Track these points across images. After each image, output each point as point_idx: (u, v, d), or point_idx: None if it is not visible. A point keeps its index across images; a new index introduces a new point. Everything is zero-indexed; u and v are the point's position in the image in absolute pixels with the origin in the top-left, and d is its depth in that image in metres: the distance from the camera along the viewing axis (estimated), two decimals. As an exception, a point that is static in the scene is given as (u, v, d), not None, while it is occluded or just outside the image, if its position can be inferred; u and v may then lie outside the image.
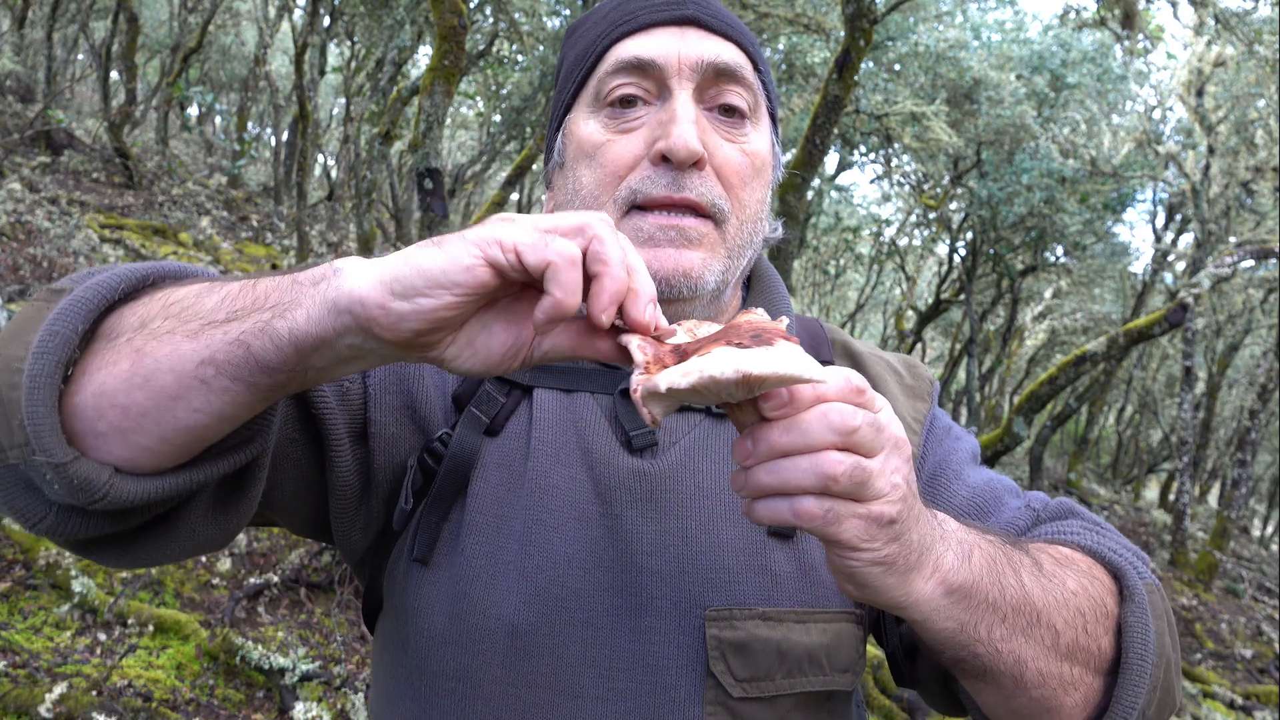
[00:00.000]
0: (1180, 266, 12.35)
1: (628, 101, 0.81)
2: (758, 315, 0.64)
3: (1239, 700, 5.60)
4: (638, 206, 0.80)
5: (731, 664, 0.76)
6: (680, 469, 0.80)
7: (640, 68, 0.81)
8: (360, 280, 0.56)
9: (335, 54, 14.34)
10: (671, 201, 0.79)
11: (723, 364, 0.54)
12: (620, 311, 0.57)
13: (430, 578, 0.79)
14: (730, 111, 0.82)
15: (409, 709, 0.80)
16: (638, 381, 0.56)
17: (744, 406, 0.59)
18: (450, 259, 0.55)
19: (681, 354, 0.58)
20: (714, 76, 0.81)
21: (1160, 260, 11.97)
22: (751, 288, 0.94)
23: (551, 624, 0.75)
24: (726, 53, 0.82)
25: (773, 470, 0.57)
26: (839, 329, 0.99)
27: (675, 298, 0.79)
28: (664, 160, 0.79)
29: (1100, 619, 0.73)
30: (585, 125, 0.83)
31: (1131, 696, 0.72)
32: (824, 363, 0.91)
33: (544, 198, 0.91)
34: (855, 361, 0.94)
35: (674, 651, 0.76)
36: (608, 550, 0.77)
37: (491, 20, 9.40)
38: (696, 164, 0.79)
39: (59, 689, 2.56)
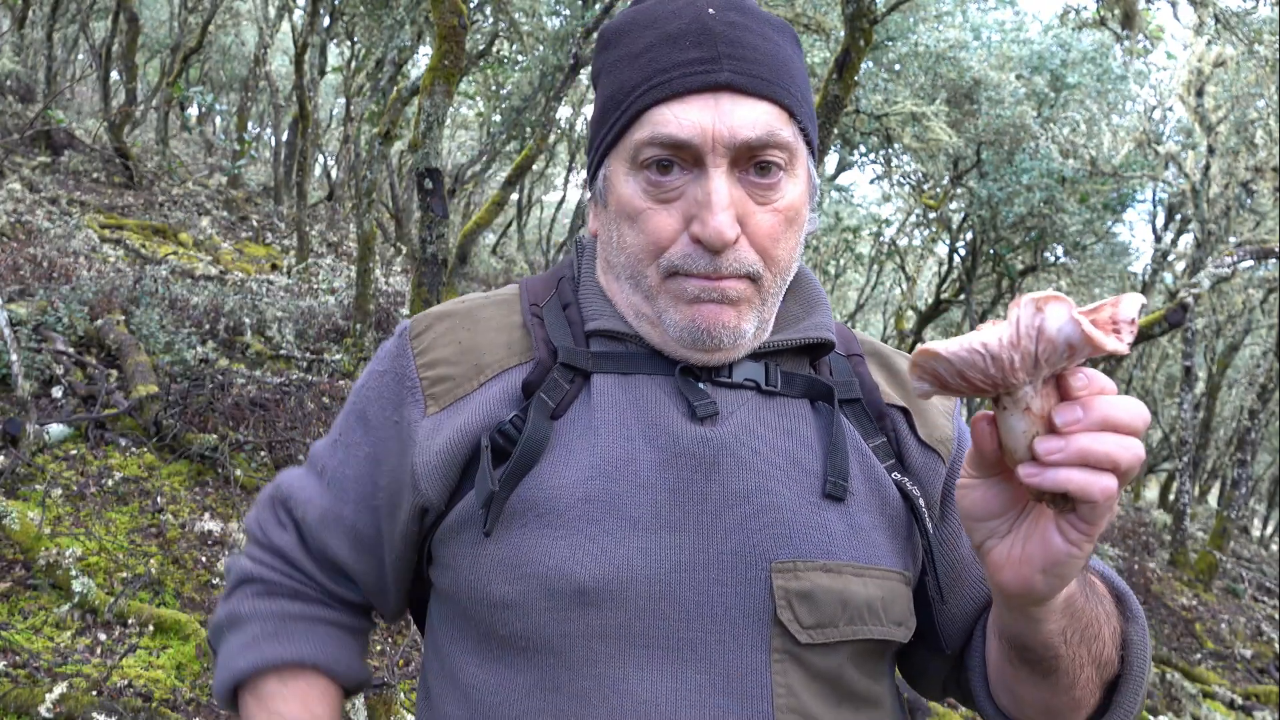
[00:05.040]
0: (1180, 266, 12.35)
1: (664, 167, 0.84)
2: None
3: (1239, 700, 5.60)
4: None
5: (798, 612, 0.80)
6: (740, 435, 0.84)
7: (673, 145, 0.83)
8: None
9: (335, 54, 14.34)
10: (709, 278, 0.83)
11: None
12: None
13: (488, 550, 0.82)
14: (766, 169, 0.84)
15: (477, 674, 0.84)
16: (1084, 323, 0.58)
17: (1046, 383, 0.62)
18: None
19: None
20: (748, 148, 0.83)
21: (1160, 260, 11.97)
22: (789, 288, 0.97)
23: (618, 580, 0.79)
24: (762, 121, 0.82)
25: (1101, 441, 0.60)
26: (867, 335, 1.03)
27: (717, 347, 0.85)
28: (700, 241, 0.83)
29: (1116, 636, 0.82)
30: (625, 185, 0.86)
31: (1131, 703, 0.82)
32: (852, 356, 0.95)
33: (588, 211, 0.95)
34: (886, 363, 0.98)
35: (741, 603, 0.80)
36: (673, 511, 0.81)
37: (491, 20, 9.41)
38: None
39: (59, 689, 2.56)
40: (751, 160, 0.83)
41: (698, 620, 0.79)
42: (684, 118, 0.82)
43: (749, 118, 0.82)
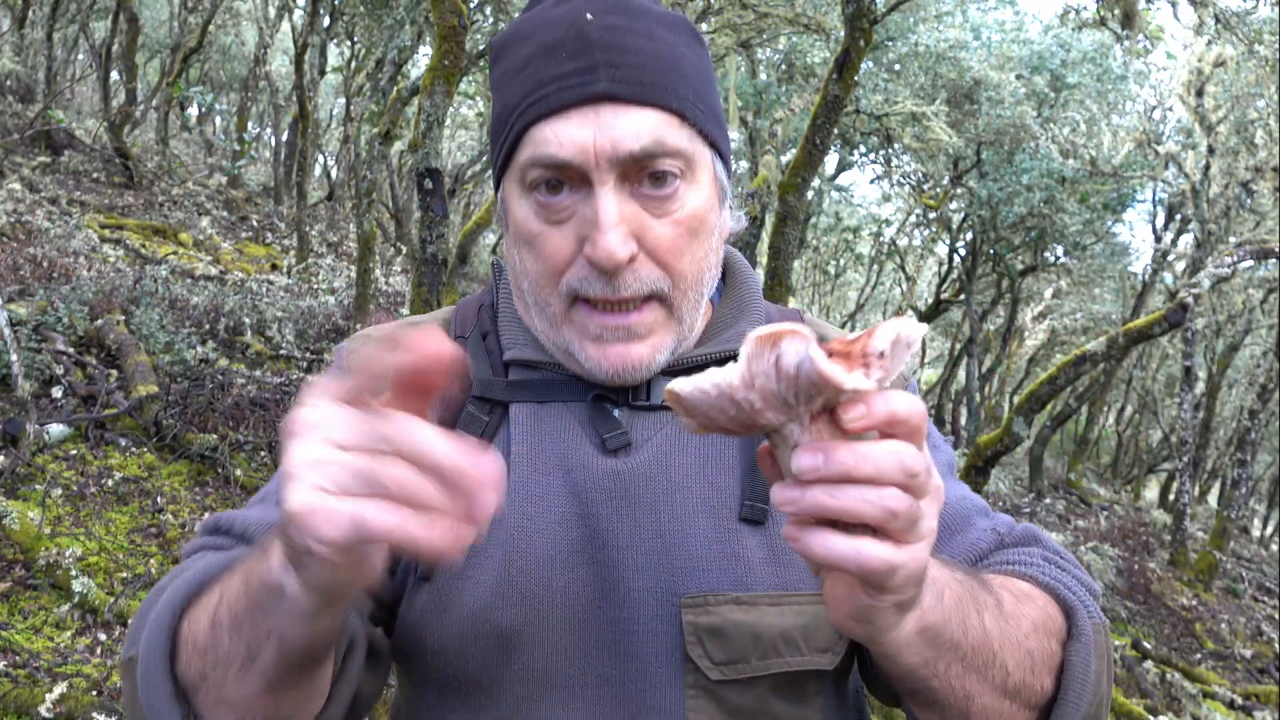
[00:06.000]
0: (1180, 266, 12.35)
1: (553, 186, 0.80)
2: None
3: (1239, 700, 5.60)
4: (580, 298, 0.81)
5: (708, 648, 0.79)
6: (654, 466, 0.83)
7: (556, 166, 0.79)
8: (286, 576, 0.60)
9: (335, 54, 14.34)
10: (609, 302, 0.79)
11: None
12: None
13: (422, 597, 0.83)
14: (660, 179, 0.79)
15: (426, 714, 0.86)
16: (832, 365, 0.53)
17: (816, 418, 0.56)
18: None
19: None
20: (634, 160, 0.78)
21: (1160, 260, 11.97)
22: (726, 283, 0.95)
23: (537, 623, 0.80)
24: (647, 130, 0.77)
25: (838, 494, 0.54)
26: (817, 318, 1.00)
27: (630, 383, 0.83)
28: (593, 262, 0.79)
29: (1046, 659, 0.75)
30: (519, 207, 0.82)
31: None
32: None
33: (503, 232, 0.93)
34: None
35: (652, 640, 0.80)
36: (586, 548, 0.81)
37: (491, 20, 9.41)
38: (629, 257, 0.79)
39: (59, 689, 2.57)
40: (643, 171, 0.78)
41: (614, 658, 0.79)
42: (564, 135, 0.77)
43: (632, 128, 0.77)
